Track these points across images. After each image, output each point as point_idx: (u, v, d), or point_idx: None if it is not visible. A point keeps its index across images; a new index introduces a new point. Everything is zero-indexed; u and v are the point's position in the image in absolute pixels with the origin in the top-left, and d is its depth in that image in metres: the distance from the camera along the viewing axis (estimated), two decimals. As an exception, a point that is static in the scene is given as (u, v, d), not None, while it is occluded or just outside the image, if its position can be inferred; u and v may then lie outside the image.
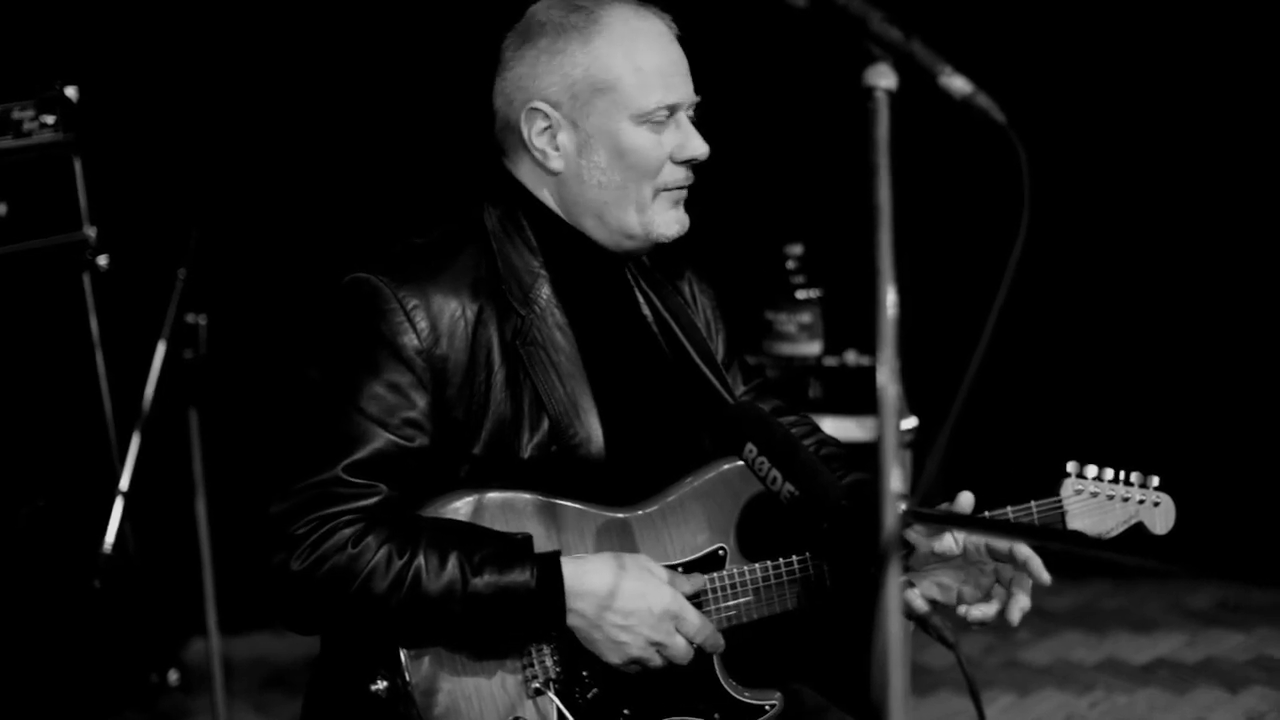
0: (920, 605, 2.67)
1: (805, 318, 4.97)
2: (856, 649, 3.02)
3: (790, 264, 4.99)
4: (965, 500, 2.79)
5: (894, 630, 1.77)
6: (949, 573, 2.87)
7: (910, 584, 2.83)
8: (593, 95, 2.81)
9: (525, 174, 2.90)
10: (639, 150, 2.83)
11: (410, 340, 2.73)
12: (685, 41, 2.90)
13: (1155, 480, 2.94)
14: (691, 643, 2.78)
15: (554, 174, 2.87)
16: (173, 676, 5.09)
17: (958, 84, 1.91)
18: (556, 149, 2.85)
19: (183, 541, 4.70)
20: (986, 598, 2.83)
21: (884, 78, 1.87)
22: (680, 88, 2.85)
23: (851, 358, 5.02)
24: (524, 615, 2.70)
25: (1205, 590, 6.06)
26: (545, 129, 2.84)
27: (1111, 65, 5.91)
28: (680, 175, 2.88)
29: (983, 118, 1.91)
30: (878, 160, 1.84)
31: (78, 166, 4.49)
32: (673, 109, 2.84)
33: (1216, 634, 5.73)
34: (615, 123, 2.82)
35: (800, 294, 4.98)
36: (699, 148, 2.87)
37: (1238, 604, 5.96)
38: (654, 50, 2.83)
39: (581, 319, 2.89)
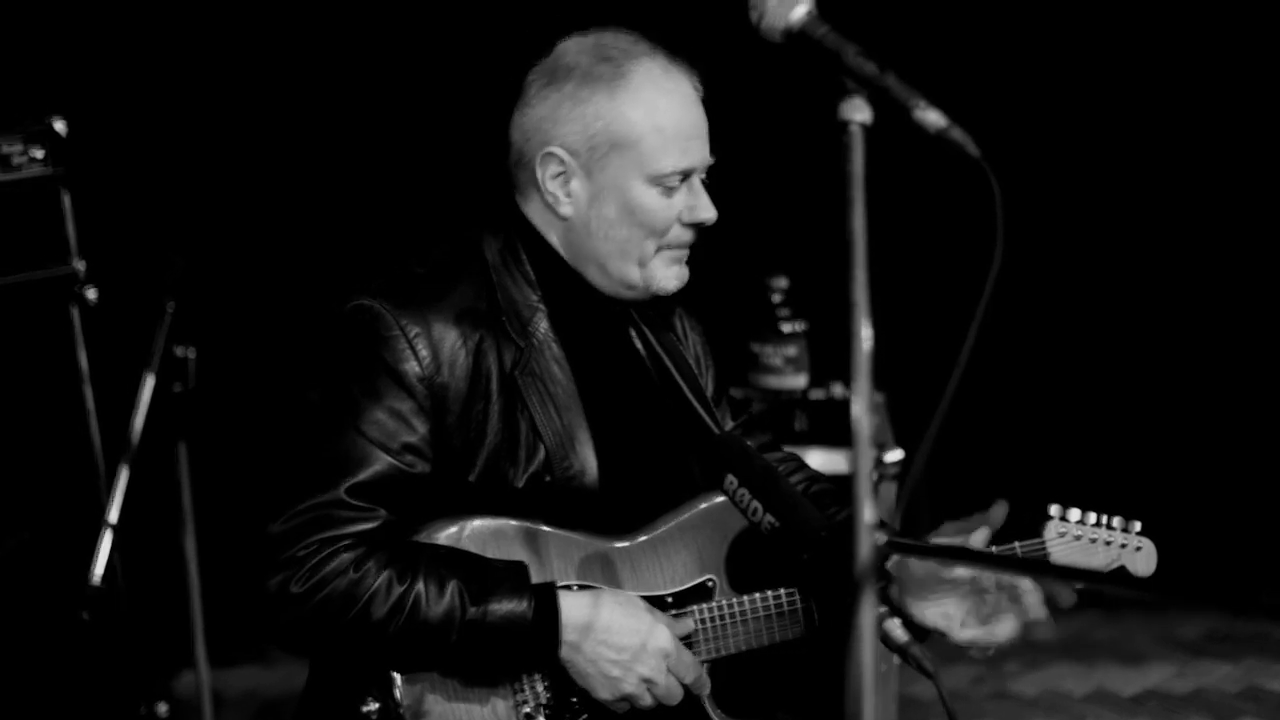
0: (900, 635, 2.67)
1: (791, 351, 4.97)
2: (838, 678, 3.02)
3: (775, 297, 4.99)
4: (998, 511, 2.79)
5: (866, 660, 1.78)
6: (955, 602, 2.86)
7: (891, 613, 2.83)
8: (610, 150, 2.81)
9: (534, 211, 2.91)
10: (648, 210, 2.83)
11: (412, 367, 2.75)
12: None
13: (1138, 525, 2.92)
14: (681, 682, 2.79)
15: (562, 219, 2.87)
16: (162, 709, 5.06)
17: (932, 118, 1.92)
18: (568, 195, 2.85)
19: (172, 574, 4.70)
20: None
21: (859, 111, 1.89)
22: (697, 152, 2.85)
23: (838, 390, 5.02)
24: (519, 645, 2.71)
25: (1194, 621, 6.06)
26: (559, 174, 2.84)
27: (1091, 97, 5.93)
28: (686, 236, 2.89)
29: (957, 151, 1.92)
30: (853, 193, 1.85)
31: (66, 200, 4.50)
32: (687, 173, 2.85)
33: (1206, 665, 5.73)
34: (629, 180, 2.82)
35: (786, 327, 4.97)
36: (707, 213, 2.87)
37: (1227, 634, 5.96)
38: (677, 113, 2.82)
39: (578, 353, 2.91)
